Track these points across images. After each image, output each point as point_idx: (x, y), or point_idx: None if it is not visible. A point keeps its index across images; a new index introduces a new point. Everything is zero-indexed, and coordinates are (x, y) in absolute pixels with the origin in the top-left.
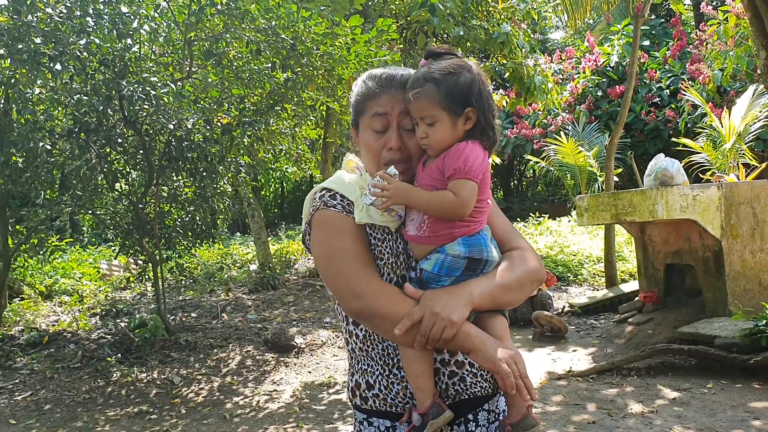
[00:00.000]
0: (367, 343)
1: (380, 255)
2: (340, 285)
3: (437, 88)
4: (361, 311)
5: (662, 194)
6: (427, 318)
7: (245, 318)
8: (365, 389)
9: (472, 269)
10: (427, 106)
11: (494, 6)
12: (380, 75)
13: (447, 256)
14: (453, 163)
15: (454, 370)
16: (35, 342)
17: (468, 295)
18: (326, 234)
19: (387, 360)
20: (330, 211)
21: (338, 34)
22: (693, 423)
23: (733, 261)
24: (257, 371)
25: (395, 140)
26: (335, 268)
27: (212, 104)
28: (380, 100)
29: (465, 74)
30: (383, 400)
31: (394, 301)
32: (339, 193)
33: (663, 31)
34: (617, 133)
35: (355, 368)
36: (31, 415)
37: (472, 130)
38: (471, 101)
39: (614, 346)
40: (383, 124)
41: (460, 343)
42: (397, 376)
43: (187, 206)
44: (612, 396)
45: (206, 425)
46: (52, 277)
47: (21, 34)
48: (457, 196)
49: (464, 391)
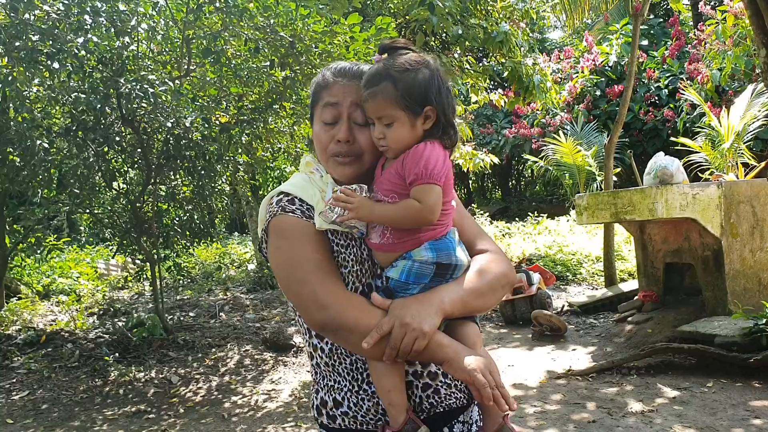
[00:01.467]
0: (334, 358)
1: (344, 263)
2: (303, 295)
3: (394, 86)
4: (325, 323)
5: (662, 193)
6: (397, 329)
7: (243, 317)
8: (332, 407)
9: (441, 275)
10: (384, 105)
11: (493, 5)
12: (335, 66)
13: (414, 263)
14: (413, 167)
15: (427, 382)
16: (32, 341)
17: (439, 303)
18: (285, 241)
19: (356, 375)
20: (289, 217)
21: (337, 32)
22: (693, 422)
23: (733, 260)
24: (255, 371)
25: (344, 132)
26: (296, 278)
27: (210, 103)
28: (332, 90)
29: (423, 71)
30: (353, 418)
31: (361, 312)
32: (297, 197)
33: (661, 30)
34: (616, 132)
35: (320, 384)
36: (28, 415)
37: (431, 130)
38: (430, 99)
39: (614, 345)
40: (334, 116)
41: (433, 354)
42: (367, 391)
43: (185, 205)
44: (612, 395)
45: (204, 425)
46: (49, 277)
47: (18, 31)
48: (421, 203)
49: (439, 404)
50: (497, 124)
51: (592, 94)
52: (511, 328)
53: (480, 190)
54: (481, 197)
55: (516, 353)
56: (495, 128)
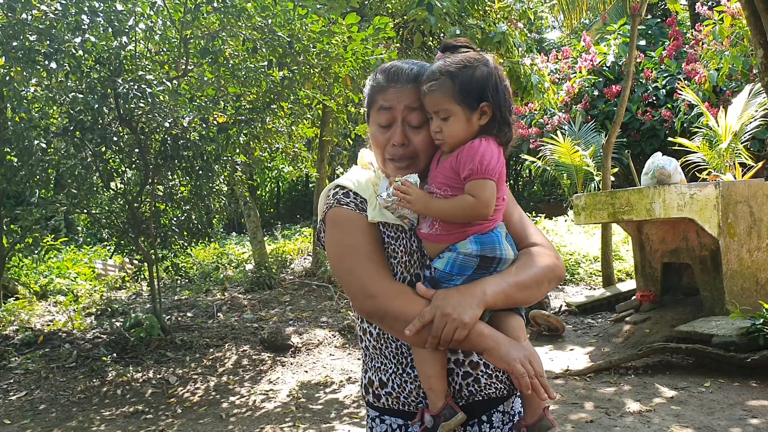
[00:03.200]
0: (381, 341)
1: (393, 253)
2: (352, 284)
3: (452, 81)
4: (372, 311)
5: (659, 193)
6: (438, 319)
7: (241, 317)
8: (378, 387)
9: (485, 267)
10: (442, 99)
11: (490, 5)
12: (389, 68)
13: (459, 255)
14: (469, 162)
15: (468, 371)
16: (30, 342)
17: (481, 294)
18: (339, 232)
19: (400, 359)
20: (343, 209)
21: (335, 32)
22: (690, 422)
23: (731, 260)
24: (253, 371)
25: (398, 135)
26: (347, 267)
27: (208, 103)
28: (387, 94)
29: (481, 68)
30: (396, 398)
31: (405, 301)
32: (352, 190)
33: (659, 30)
34: (614, 132)
35: (368, 365)
36: (25, 415)
37: (487, 126)
38: (486, 95)
39: (611, 345)
40: (388, 119)
41: (474, 343)
42: (410, 375)
43: (183, 205)
44: (609, 395)
45: (202, 425)
46: (47, 277)
47: (16, 31)
48: (476, 197)
49: (478, 392)
50: None
51: (590, 94)
52: None
53: None
54: None
55: None
56: None
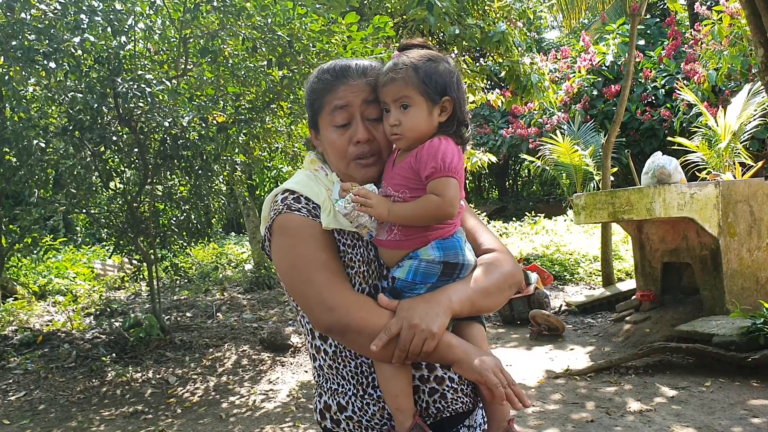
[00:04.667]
0: (338, 361)
1: (350, 263)
2: (309, 297)
3: (415, 71)
4: (333, 325)
5: (660, 192)
6: (406, 330)
7: (241, 317)
8: (336, 411)
9: (448, 274)
10: (404, 87)
11: (490, 5)
12: (333, 67)
13: (421, 262)
14: (431, 161)
15: (434, 387)
16: (29, 342)
17: (447, 302)
18: (291, 240)
19: (360, 378)
20: (294, 215)
21: (334, 32)
22: (691, 421)
23: (731, 259)
24: (253, 371)
25: (362, 131)
26: (302, 279)
27: (208, 102)
28: (339, 92)
29: (444, 63)
30: (357, 422)
31: (368, 314)
32: (303, 195)
33: (658, 30)
34: (614, 131)
35: (323, 388)
36: (25, 415)
37: (446, 123)
38: (449, 90)
39: (612, 345)
40: (346, 117)
41: (442, 355)
42: (372, 396)
43: (182, 205)
44: (610, 394)
45: (202, 425)
46: (45, 277)
47: (15, 31)
48: (441, 196)
49: (446, 409)
50: (494, 124)
51: (589, 94)
52: (508, 328)
53: (477, 189)
54: (478, 197)
55: (514, 353)
56: (492, 128)
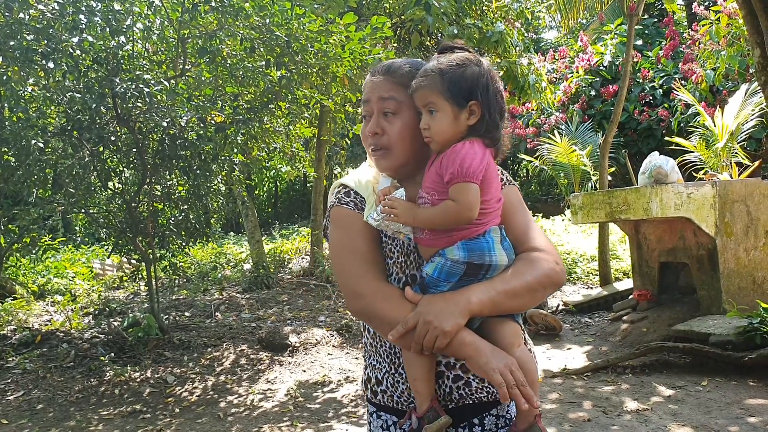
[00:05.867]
0: (376, 340)
1: (390, 253)
2: (344, 283)
3: (441, 77)
4: (360, 311)
5: (657, 192)
6: (420, 326)
7: (239, 317)
8: (375, 384)
9: (473, 274)
10: (429, 93)
11: (488, 5)
12: (375, 66)
13: (447, 261)
14: (450, 166)
15: (459, 375)
16: (28, 341)
17: (465, 303)
18: (338, 231)
19: (393, 359)
20: (343, 209)
21: (333, 32)
22: (688, 420)
23: (728, 259)
24: (251, 370)
25: (370, 125)
26: (342, 266)
27: (206, 102)
28: (366, 87)
29: (472, 67)
30: (390, 396)
31: (392, 305)
32: (353, 189)
33: (656, 30)
34: (611, 131)
35: (367, 362)
36: (23, 415)
37: (475, 127)
38: (476, 94)
39: (609, 344)
40: (367, 111)
41: (454, 351)
42: (401, 375)
43: (181, 205)
44: (607, 394)
45: (200, 424)
46: (44, 277)
47: (13, 31)
48: (457, 202)
49: (468, 396)
50: None
51: (587, 94)
52: None
53: None
54: None
55: None
56: None
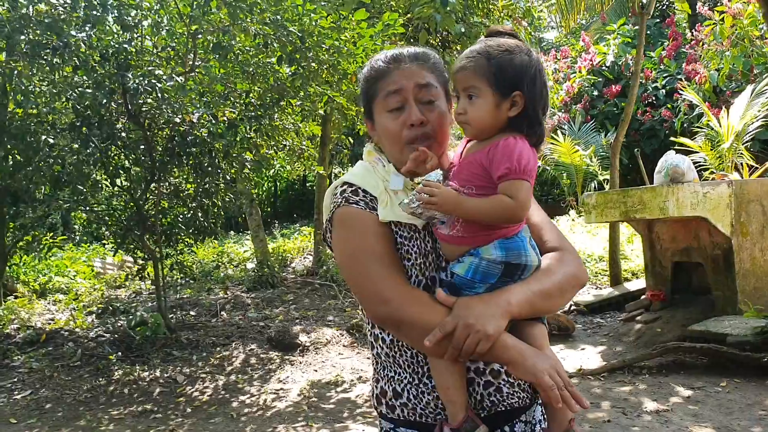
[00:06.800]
0: (395, 349)
1: (407, 255)
2: (365, 288)
3: (488, 61)
4: (387, 318)
5: (673, 191)
6: (460, 330)
7: (246, 316)
8: (392, 397)
9: (510, 275)
10: (472, 76)
11: (494, 4)
12: (385, 55)
13: (482, 261)
14: (505, 161)
15: (489, 380)
16: (32, 340)
17: (506, 305)
18: (349, 232)
19: (416, 368)
20: (353, 208)
21: (345, 28)
22: (709, 421)
23: (743, 259)
24: (262, 370)
25: (416, 114)
26: (359, 270)
27: (217, 98)
28: (392, 77)
29: (522, 56)
30: (412, 410)
31: (423, 308)
32: (361, 188)
33: (658, 31)
34: (622, 131)
35: (380, 374)
36: (32, 415)
37: (516, 120)
38: (521, 85)
39: (623, 345)
40: (399, 101)
41: (497, 355)
42: (427, 385)
43: (189, 202)
44: (625, 394)
45: (213, 424)
46: (46, 275)
47: (21, 26)
48: (514, 199)
49: (500, 403)
50: None
51: (590, 94)
52: None
53: None
54: None
55: None
56: None
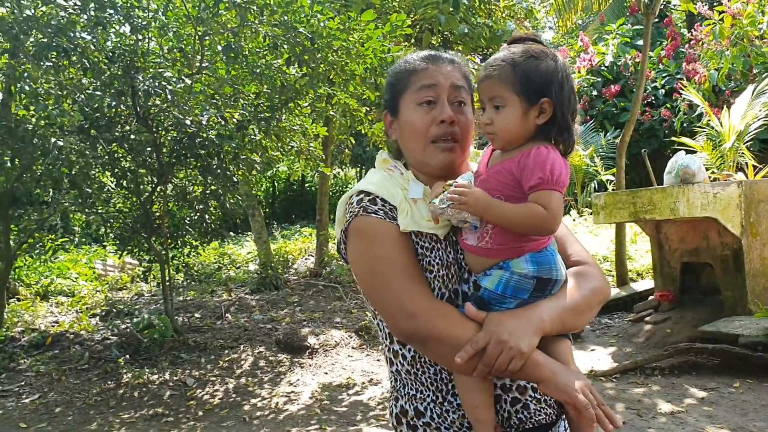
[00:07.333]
0: (417, 366)
1: (429, 266)
2: (388, 303)
3: (513, 69)
4: (413, 333)
5: (684, 192)
6: (493, 346)
7: (251, 318)
8: (414, 417)
9: (541, 290)
10: (498, 85)
11: (496, 4)
12: (423, 54)
13: (513, 275)
14: (538, 171)
15: (516, 397)
16: (38, 343)
17: (538, 321)
18: (368, 244)
19: (440, 385)
20: (371, 218)
21: (353, 29)
22: (725, 422)
23: (753, 259)
24: (272, 372)
25: (448, 111)
26: (381, 284)
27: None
28: (428, 72)
29: (548, 61)
30: (436, 429)
31: (451, 323)
32: (379, 196)
33: (656, 31)
34: (628, 131)
35: (400, 392)
36: (41, 419)
37: (545, 127)
38: (549, 92)
39: (633, 345)
40: (432, 96)
41: (529, 373)
42: (452, 403)
43: (196, 204)
44: (639, 396)
45: (226, 428)
46: (47, 278)
47: (29, 27)
48: (547, 209)
49: (528, 420)
50: None
51: (589, 94)
52: None
53: None
54: None
55: None
56: None
